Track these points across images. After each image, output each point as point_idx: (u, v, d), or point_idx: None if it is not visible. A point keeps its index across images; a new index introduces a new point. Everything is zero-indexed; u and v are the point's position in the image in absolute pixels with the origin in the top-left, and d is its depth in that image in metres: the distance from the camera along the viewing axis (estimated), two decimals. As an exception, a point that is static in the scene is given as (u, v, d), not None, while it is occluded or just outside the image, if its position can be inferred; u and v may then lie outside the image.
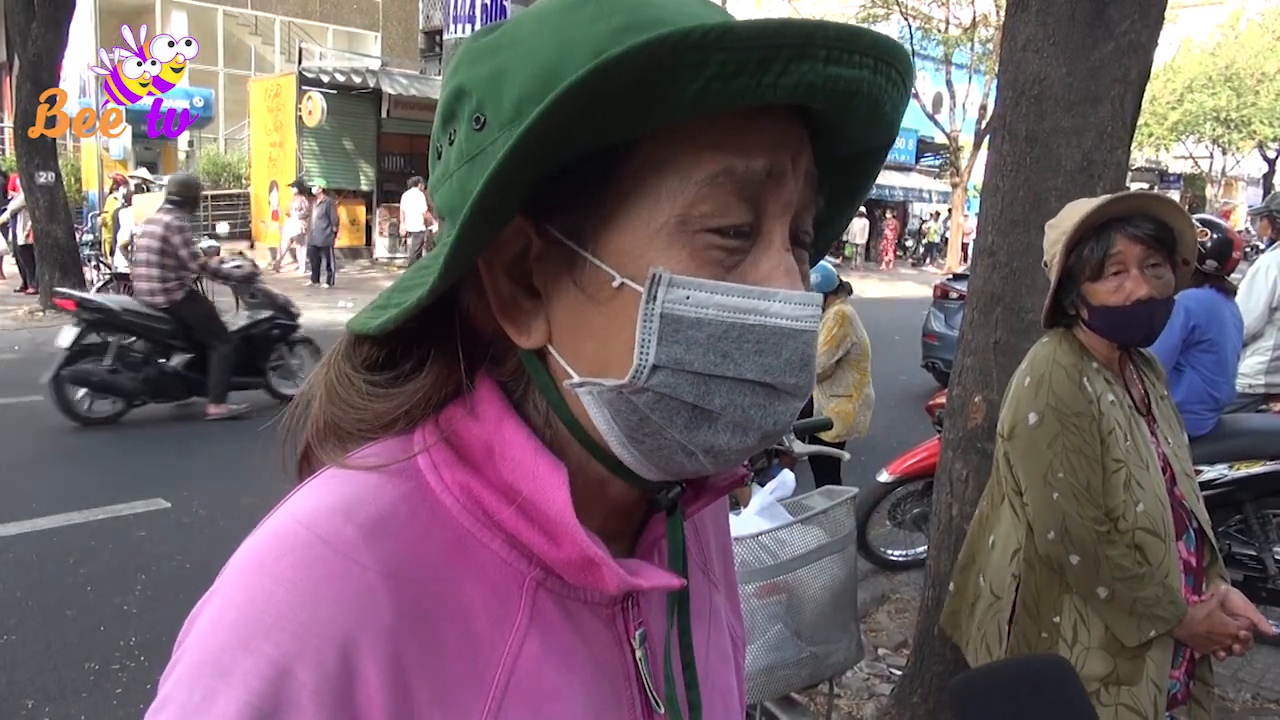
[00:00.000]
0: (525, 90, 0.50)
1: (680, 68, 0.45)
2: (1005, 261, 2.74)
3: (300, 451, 0.61)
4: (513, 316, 0.55)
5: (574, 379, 0.53)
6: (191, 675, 0.48)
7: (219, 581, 0.52)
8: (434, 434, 0.56)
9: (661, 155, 0.50)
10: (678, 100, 0.47)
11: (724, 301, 0.50)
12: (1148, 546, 1.77)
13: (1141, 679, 1.77)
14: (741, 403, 0.52)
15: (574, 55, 0.49)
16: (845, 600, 2.19)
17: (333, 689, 0.47)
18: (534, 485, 0.54)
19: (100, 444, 6.38)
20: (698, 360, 0.50)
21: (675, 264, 0.50)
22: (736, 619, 0.79)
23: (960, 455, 2.87)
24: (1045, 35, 2.62)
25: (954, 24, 24.06)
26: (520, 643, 0.54)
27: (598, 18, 0.50)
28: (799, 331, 0.52)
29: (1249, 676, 3.72)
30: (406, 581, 0.51)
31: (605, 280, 0.51)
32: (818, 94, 0.49)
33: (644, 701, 0.61)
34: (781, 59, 0.46)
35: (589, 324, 0.53)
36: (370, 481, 0.54)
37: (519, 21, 0.54)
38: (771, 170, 0.51)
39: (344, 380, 0.58)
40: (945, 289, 9.33)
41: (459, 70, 0.55)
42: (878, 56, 0.50)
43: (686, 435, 0.52)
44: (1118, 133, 2.62)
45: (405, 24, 23.88)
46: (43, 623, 3.77)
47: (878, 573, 4.70)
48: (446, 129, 0.56)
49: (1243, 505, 3.92)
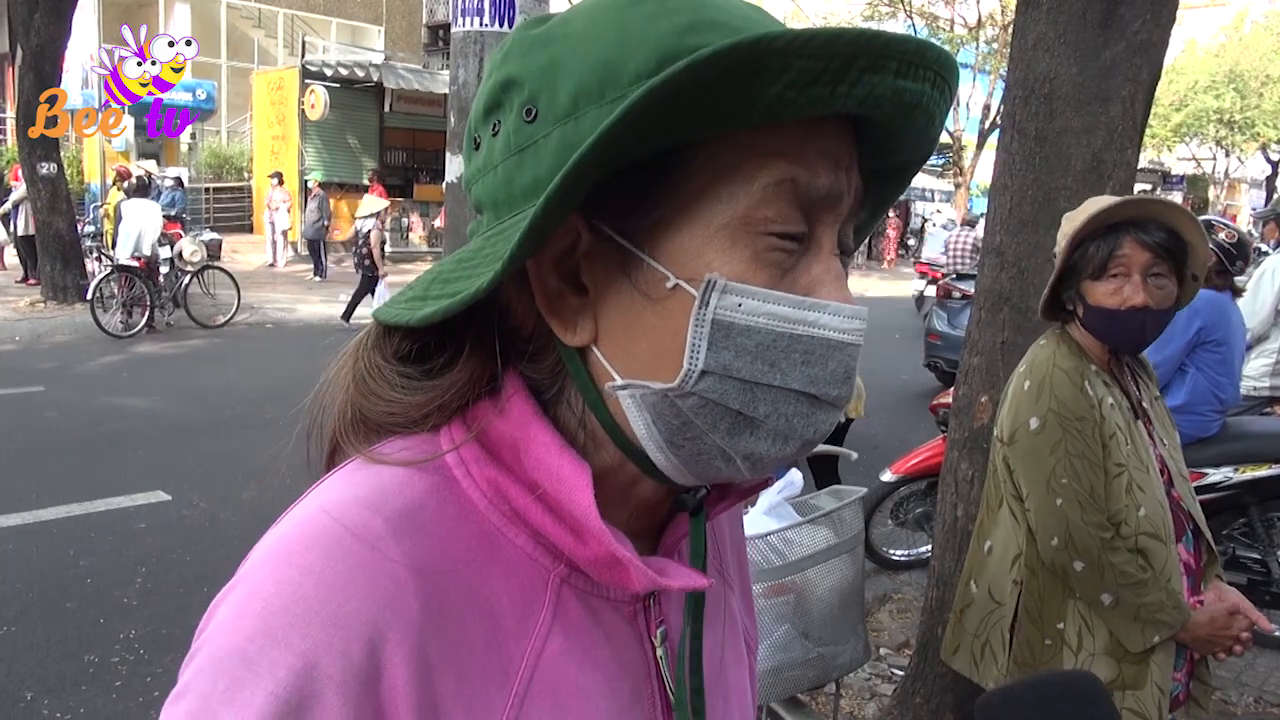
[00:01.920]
0: (582, 85, 0.50)
1: (763, 71, 0.45)
2: (1013, 261, 2.72)
3: (329, 444, 0.60)
4: (559, 313, 0.54)
5: (617, 381, 0.53)
6: (216, 664, 0.47)
7: (244, 571, 0.51)
8: (462, 431, 0.56)
9: (724, 159, 0.50)
10: (754, 103, 0.47)
11: (775, 310, 0.50)
12: (1150, 551, 1.76)
13: (1146, 683, 1.76)
14: (785, 411, 0.52)
15: (635, 52, 0.49)
16: (853, 601, 2.18)
17: (359, 682, 0.47)
18: (558, 485, 0.53)
19: (101, 436, 6.37)
20: (745, 368, 0.51)
21: (735, 265, 0.50)
22: (750, 620, 0.79)
23: (966, 455, 2.86)
24: (1056, 34, 2.60)
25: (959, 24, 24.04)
26: (544, 639, 0.54)
27: (659, 15, 0.49)
28: (846, 344, 0.52)
29: (1251, 680, 3.71)
30: (433, 576, 0.51)
31: (660, 280, 0.51)
32: (885, 105, 0.50)
33: (664, 699, 0.61)
34: (856, 69, 0.47)
35: (642, 323, 0.52)
36: (398, 475, 0.53)
37: (574, 14, 0.53)
38: (831, 190, 0.52)
39: (375, 371, 0.57)
40: (948, 288, 9.31)
41: (508, 60, 0.54)
42: (939, 71, 0.51)
43: (728, 441, 0.52)
44: (1128, 132, 2.61)
45: (408, 18, 23.83)
46: (42, 615, 3.77)
47: (880, 572, 4.69)
48: (490, 119, 0.55)
49: (1247, 509, 3.91)
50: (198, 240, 11.85)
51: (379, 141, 19.93)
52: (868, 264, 25.18)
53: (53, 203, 11.95)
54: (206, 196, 19.58)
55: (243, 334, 11.01)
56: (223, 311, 11.34)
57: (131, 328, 10.29)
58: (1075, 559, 1.75)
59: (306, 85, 18.00)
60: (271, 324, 11.79)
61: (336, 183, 18.64)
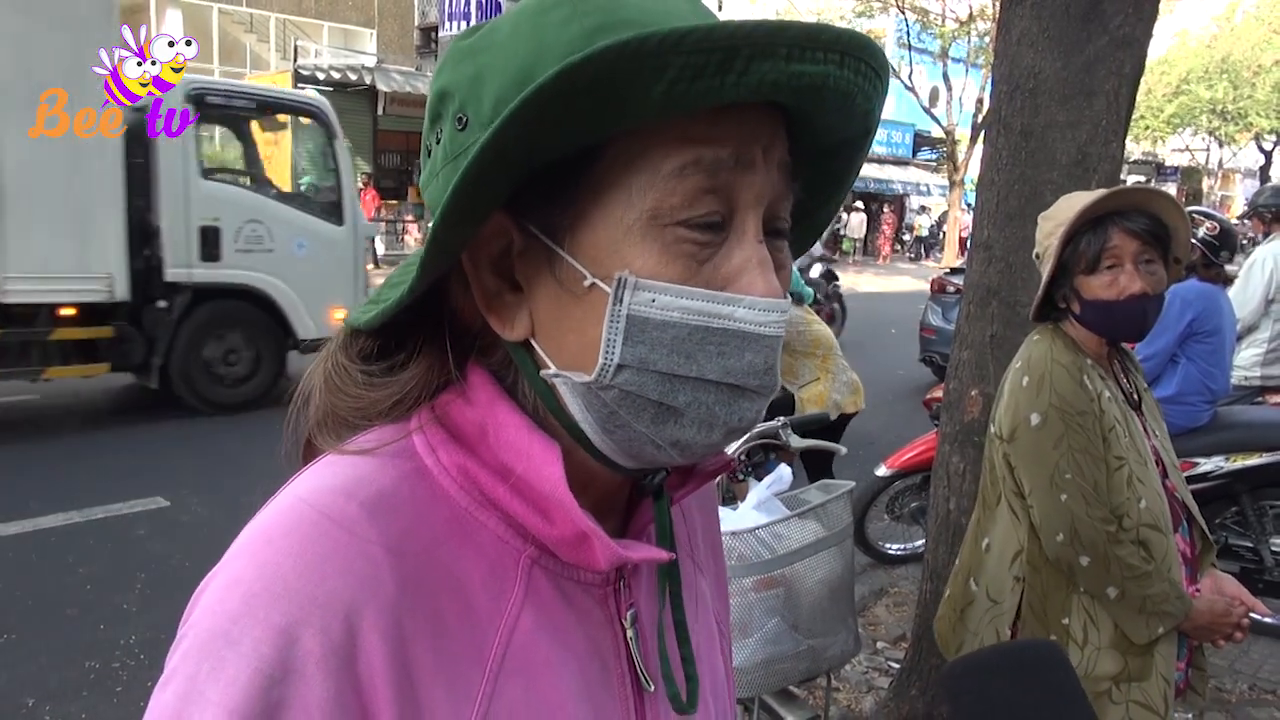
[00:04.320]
0: (502, 92, 0.52)
1: (641, 71, 0.47)
2: (1001, 255, 2.74)
3: (303, 441, 0.63)
4: (497, 310, 0.57)
5: (549, 369, 0.56)
6: (201, 647, 0.49)
7: (226, 558, 0.53)
8: (429, 417, 0.59)
9: (632, 152, 0.52)
10: (644, 101, 0.48)
11: (689, 305, 0.52)
12: (1151, 542, 1.76)
13: (1152, 675, 1.76)
14: (706, 401, 0.53)
15: (547, 57, 0.50)
16: (843, 594, 2.19)
17: (339, 657, 0.49)
18: (528, 464, 0.56)
19: (99, 443, 6.37)
20: (662, 360, 0.52)
21: (648, 260, 0.52)
22: (722, 605, 0.81)
23: (957, 449, 2.88)
24: (1040, 29, 2.62)
25: (950, 18, 24.04)
26: (516, 617, 0.56)
27: (571, 19, 0.51)
28: (762, 336, 0.53)
29: (1245, 668, 3.73)
30: (408, 557, 0.53)
31: (579, 276, 0.53)
32: (783, 90, 0.50)
33: (634, 680, 0.63)
34: (742, 59, 0.48)
35: (569, 317, 0.54)
36: (370, 464, 0.56)
37: (499, 23, 0.56)
38: (739, 158, 0.52)
39: (341, 371, 0.61)
40: (942, 283, 9.33)
41: (443, 72, 0.57)
42: (843, 51, 0.51)
43: (653, 430, 0.54)
44: (1112, 126, 2.63)
45: (401, 21, 23.82)
46: (43, 621, 3.78)
47: (876, 566, 4.71)
48: (434, 129, 0.58)
49: (1239, 497, 3.93)
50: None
51: (372, 144, 19.93)
52: (863, 259, 25.21)
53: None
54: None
55: (239, 339, 10.99)
56: (219, 317, 11.31)
57: (128, 334, 10.27)
58: (1081, 554, 1.75)
59: (299, 89, 18.00)
60: (268, 328, 11.76)
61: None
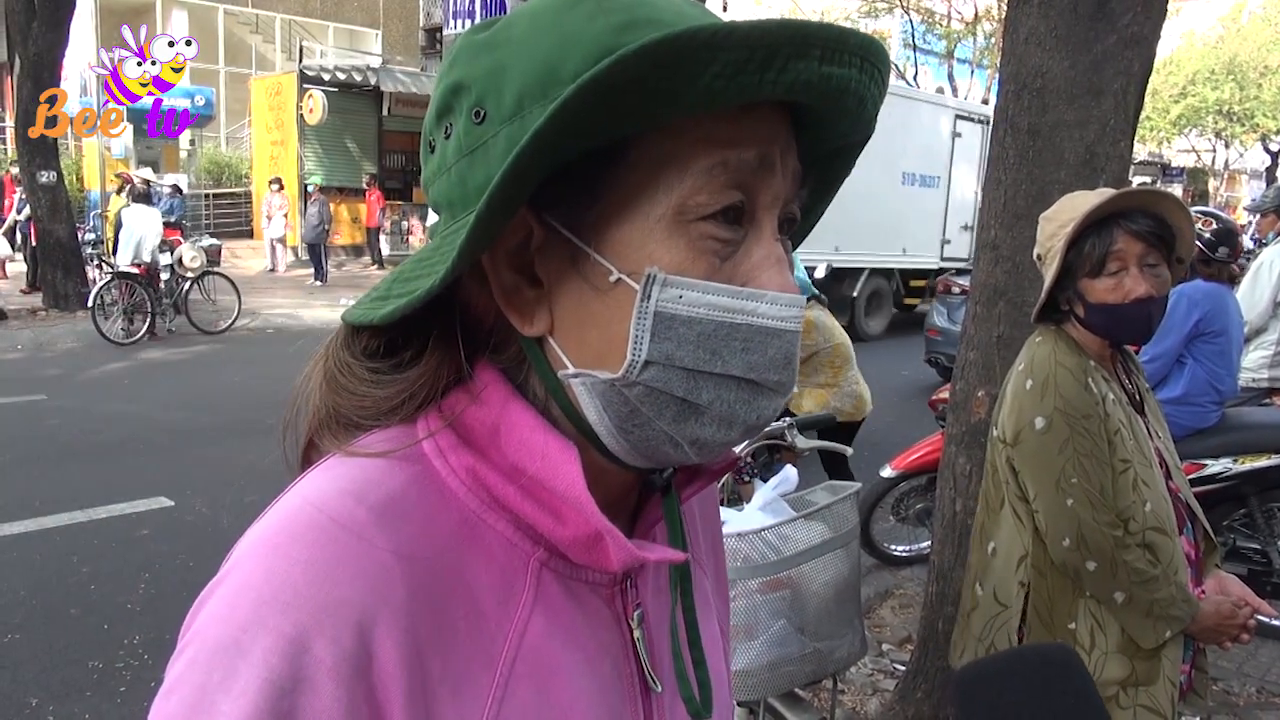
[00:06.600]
0: (525, 85, 0.52)
1: (690, 64, 0.48)
2: (1008, 255, 2.72)
3: (303, 443, 0.62)
4: (516, 305, 0.57)
5: (569, 369, 0.55)
6: (209, 656, 0.48)
7: (230, 565, 0.52)
8: (438, 420, 0.58)
9: (660, 150, 0.52)
10: (684, 95, 0.49)
11: (714, 301, 0.53)
12: (1158, 546, 1.75)
13: (1159, 678, 1.75)
14: (728, 397, 0.54)
15: (573, 51, 0.51)
16: (849, 595, 2.18)
17: (350, 666, 0.48)
18: (543, 463, 0.55)
19: (103, 443, 6.38)
20: (688, 357, 0.53)
21: (674, 256, 0.53)
22: (722, 603, 0.81)
23: (963, 450, 2.86)
24: (1047, 28, 2.60)
25: (956, 19, 24.01)
26: (526, 621, 0.56)
27: (595, 15, 0.52)
28: (783, 331, 0.55)
29: (1254, 670, 3.71)
30: (418, 561, 0.52)
31: (605, 273, 0.53)
32: (813, 91, 0.52)
33: (641, 679, 0.63)
34: (781, 57, 0.49)
35: (592, 314, 0.54)
36: (378, 466, 0.55)
37: (516, 17, 0.55)
38: (763, 159, 0.54)
39: (344, 368, 0.59)
40: (948, 284, 9.32)
41: (456, 65, 0.56)
42: (864, 56, 0.53)
43: (674, 427, 0.55)
44: (1120, 126, 2.61)
45: (406, 21, 23.86)
46: (46, 621, 3.78)
47: (881, 568, 4.70)
48: (442, 123, 0.57)
49: (1247, 499, 3.91)
50: (197, 246, 11.88)
51: (378, 145, 19.94)
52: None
53: (53, 211, 11.99)
54: (206, 202, 19.60)
55: (244, 339, 11.03)
56: (224, 317, 11.37)
57: (133, 334, 10.32)
58: (1088, 559, 1.73)
59: (304, 90, 18.02)
60: (273, 329, 11.81)
61: (336, 187, 18.66)
